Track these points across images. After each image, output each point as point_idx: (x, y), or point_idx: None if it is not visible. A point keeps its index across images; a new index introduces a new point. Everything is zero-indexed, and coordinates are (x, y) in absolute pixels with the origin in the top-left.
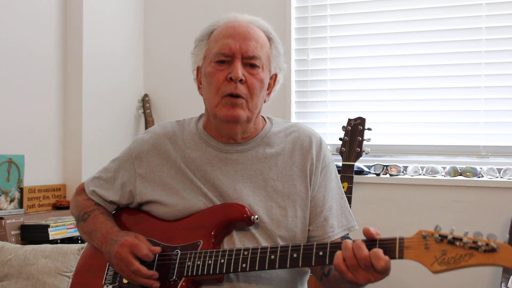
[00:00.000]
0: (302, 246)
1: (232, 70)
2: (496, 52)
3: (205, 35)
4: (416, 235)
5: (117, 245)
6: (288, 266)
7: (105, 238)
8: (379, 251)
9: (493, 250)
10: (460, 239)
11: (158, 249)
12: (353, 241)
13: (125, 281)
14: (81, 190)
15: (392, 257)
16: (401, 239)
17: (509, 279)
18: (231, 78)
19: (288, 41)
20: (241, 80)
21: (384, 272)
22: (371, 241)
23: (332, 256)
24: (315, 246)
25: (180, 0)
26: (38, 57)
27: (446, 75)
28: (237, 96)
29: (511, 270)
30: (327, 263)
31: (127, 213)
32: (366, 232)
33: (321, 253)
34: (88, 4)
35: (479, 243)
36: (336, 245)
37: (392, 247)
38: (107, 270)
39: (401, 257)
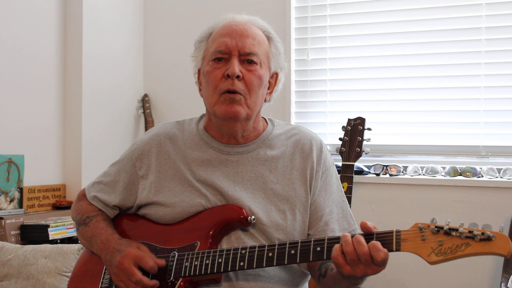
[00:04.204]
0: (299, 243)
1: (229, 67)
2: (496, 52)
3: (204, 37)
4: (413, 227)
5: (120, 255)
6: (286, 263)
7: (104, 245)
8: (377, 243)
9: (489, 238)
10: (456, 229)
11: (163, 262)
12: (353, 236)
13: None
14: (82, 195)
15: (390, 249)
16: (398, 231)
17: (509, 279)
18: (228, 75)
19: (288, 41)
20: (238, 77)
21: (382, 264)
22: (368, 235)
23: (330, 251)
24: (312, 241)
25: (180, 0)
26: (38, 57)
27: (445, 75)
28: (234, 92)
29: (507, 258)
30: (324, 258)
31: (125, 218)
32: (363, 226)
33: (318, 248)
34: (88, 4)
35: (475, 233)
36: (334, 240)
37: (389, 240)
38: (104, 275)
39: (398, 249)
